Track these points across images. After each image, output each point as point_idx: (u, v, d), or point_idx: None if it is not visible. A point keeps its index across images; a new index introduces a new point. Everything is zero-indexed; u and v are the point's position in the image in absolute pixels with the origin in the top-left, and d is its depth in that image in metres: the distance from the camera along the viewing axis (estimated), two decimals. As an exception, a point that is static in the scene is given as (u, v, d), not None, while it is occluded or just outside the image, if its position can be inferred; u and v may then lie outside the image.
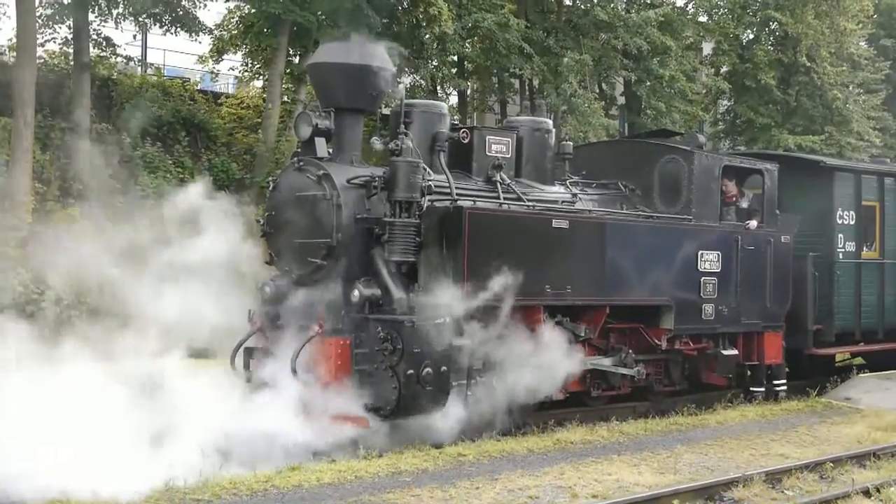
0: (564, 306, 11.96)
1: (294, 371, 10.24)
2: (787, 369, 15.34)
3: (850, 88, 36.14)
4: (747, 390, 14.92)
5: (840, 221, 16.23)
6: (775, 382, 14.91)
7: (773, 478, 9.53)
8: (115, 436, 9.14)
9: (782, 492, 9.28)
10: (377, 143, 11.68)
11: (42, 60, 23.52)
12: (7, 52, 24.42)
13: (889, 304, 17.19)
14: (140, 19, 24.76)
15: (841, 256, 16.19)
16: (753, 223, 14.33)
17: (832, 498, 8.78)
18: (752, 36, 36.60)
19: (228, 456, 9.74)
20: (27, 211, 20.78)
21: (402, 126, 11.10)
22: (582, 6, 31.10)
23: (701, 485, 9.05)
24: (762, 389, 14.84)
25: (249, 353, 11.08)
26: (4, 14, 24.41)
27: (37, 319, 19.74)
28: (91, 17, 23.49)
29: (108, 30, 24.84)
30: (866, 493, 9.02)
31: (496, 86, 31.85)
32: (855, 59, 36.91)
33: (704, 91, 34.63)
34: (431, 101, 13.84)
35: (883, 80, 38.49)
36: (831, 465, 10.18)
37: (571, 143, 14.21)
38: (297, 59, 26.59)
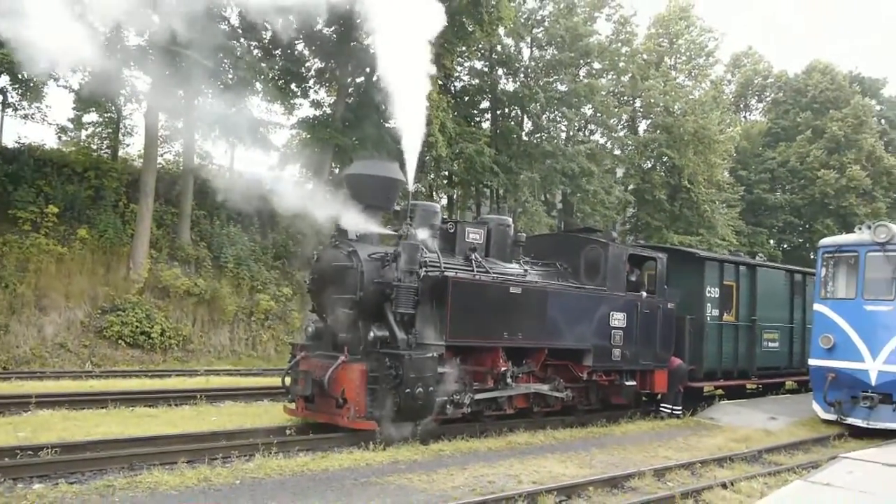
0: (517, 347, 11.97)
1: (326, 387, 10.19)
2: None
3: (717, 204, 36.67)
4: (655, 409, 14.89)
5: (708, 294, 16.30)
6: (672, 406, 14.85)
7: (659, 473, 9.47)
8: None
9: (665, 483, 9.22)
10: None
11: (160, 165, 23.75)
12: (136, 159, 24.68)
13: (741, 353, 17.21)
14: (230, 139, 25.13)
15: (709, 319, 16.22)
16: (643, 294, 14.38)
17: (700, 488, 8.71)
18: (650, 165, 37.27)
19: None
20: (144, 270, 20.80)
21: (409, 219, 11.21)
22: (534, 140, 31.62)
23: (609, 476, 8.98)
24: (669, 409, 14.83)
25: (296, 374, 11.02)
26: (135, 133, 24.85)
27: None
28: (195, 136, 23.93)
29: (207, 145, 25.28)
30: (724, 485, 8.96)
31: (473, 193, 32.22)
32: (721, 183, 37.59)
33: (617, 202, 35.09)
34: (428, 203, 13.94)
35: (740, 199, 39.17)
36: (700, 465, 10.14)
37: (524, 234, 14.31)
38: (337, 170, 26.88)
